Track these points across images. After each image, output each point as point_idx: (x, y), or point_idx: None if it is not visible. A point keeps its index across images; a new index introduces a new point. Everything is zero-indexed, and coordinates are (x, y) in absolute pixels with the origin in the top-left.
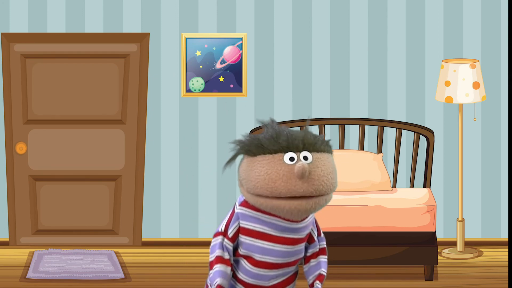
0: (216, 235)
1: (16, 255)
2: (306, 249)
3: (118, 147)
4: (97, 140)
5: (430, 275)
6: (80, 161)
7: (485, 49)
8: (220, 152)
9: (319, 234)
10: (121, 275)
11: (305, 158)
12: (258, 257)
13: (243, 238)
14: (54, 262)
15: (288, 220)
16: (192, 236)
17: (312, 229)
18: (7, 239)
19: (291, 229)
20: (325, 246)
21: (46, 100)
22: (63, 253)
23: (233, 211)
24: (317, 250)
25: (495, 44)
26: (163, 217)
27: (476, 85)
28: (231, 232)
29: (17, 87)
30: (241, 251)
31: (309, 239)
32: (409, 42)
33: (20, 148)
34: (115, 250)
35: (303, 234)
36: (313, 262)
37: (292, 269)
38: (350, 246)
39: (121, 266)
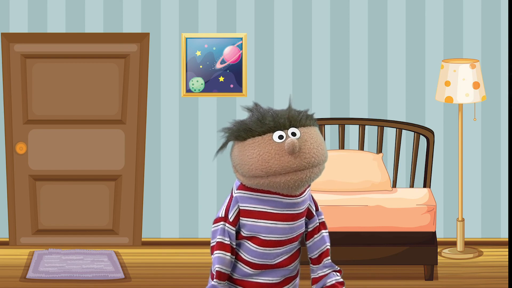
0: (216, 220)
1: (16, 255)
2: (306, 224)
3: (118, 147)
4: (97, 140)
5: (430, 275)
6: (80, 161)
7: (485, 49)
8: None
9: (316, 209)
10: (121, 275)
11: (293, 134)
12: (263, 236)
13: (245, 220)
14: (54, 262)
15: (286, 196)
16: (192, 236)
17: (309, 204)
18: (7, 239)
19: (291, 204)
20: (323, 220)
21: (46, 100)
22: (63, 253)
23: (231, 196)
24: (318, 224)
25: (495, 44)
26: (163, 217)
27: (476, 85)
28: (231, 216)
29: (17, 87)
30: (244, 233)
31: (308, 215)
32: (409, 42)
33: (20, 148)
34: (115, 250)
35: (302, 209)
36: (316, 237)
37: (295, 245)
38: (350, 246)
39: (121, 266)
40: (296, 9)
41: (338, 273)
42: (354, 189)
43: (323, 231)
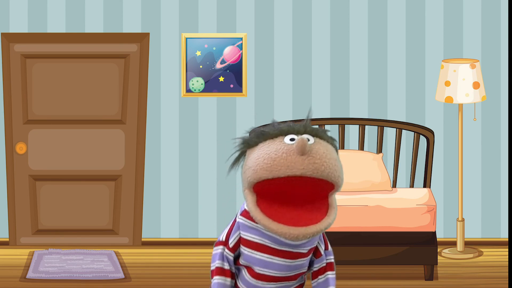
0: (217, 244)
1: (16, 255)
2: (312, 263)
3: (118, 147)
4: (97, 140)
5: (430, 275)
6: (80, 161)
7: (485, 49)
8: (220, 152)
9: (326, 248)
10: (121, 275)
11: (308, 139)
12: (257, 269)
13: (243, 249)
14: (54, 262)
15: None
16: (192, 236)
17: (318, 242)
18: (7, 239)
19: (290, 244)
20: (332, 261)
21: (46, 100)
22: (63, 253)
23: (235, 220)
24: (324, 265)
25: (495, 44)
26: (163, 217)
27: (476, 85)
28: (232, 242)
29: (17, 87)
30: (242, 261)
31: (316, 253)
32: (409, 42)
33: (20, 148)
34: (115, 250)
35: (305, 249)
36: (321, 278)
37: (293, 283)
38: (350, 246)
39: (121, 266)
40: (296, 9)
41: None
42: (354, 189)
43: (328, 272)
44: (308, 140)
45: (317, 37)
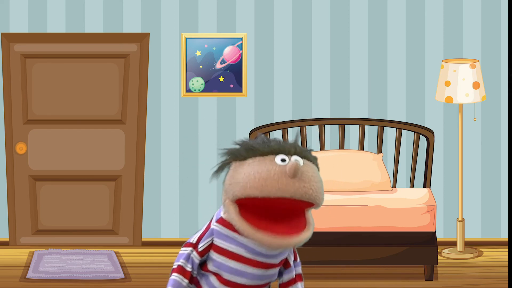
0: (186, 245)
1: (16, 255)
2: (281, 273)
3: (118, 147)
4: (97, 140)
5: (430, 275)
6: (80, 161)
7: (485, 49)
8: (220, 152)
9: (295, 259)
10: (121, 275)
11: (296, 161)
12: (227, 276)
13: (215, 256)
14: (54, 262)
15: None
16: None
17: (288, 253)
18: (7, 239)
19: (265, 254)
20: (300, 272)
21: (46, 100)
22: (63, 253)
23: (209, 225)
24: (294, 276)
25: (495, 44)
26: (163, 217)
27: (476, 85)
28: (201, 246)
29: (17, 87)
30: (211, 267)
31: (285, 264)
32: (409, 42)
33: (20, 148)
34: (115, 250)
35: (277, 260)
36: None
37: None
38: (350, 246)
39: (121, 266)
40: (296, 9)
41: None
42: (354, 189)
43: (298, 283)
44: (298, 161)
45: (317, 37)
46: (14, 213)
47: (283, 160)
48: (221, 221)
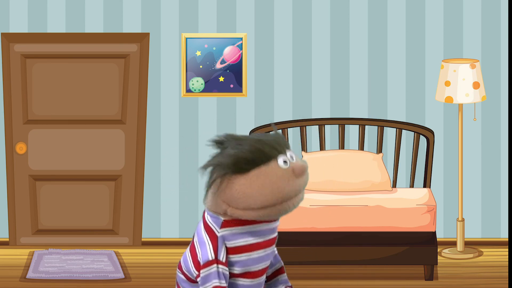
0: (206, 265)
1: (16, 255)
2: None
3: (118, 147)
4: (97, 140)
5: (430, 275)
6: (80, 161)
7: (485, 49)
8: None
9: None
10: (121, 275)
11: (291, 157)
12: (254, 268)
13: (237, 257)
14: (54, 262)
15: (270, 221)
16: (192, 236)
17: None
18: (7, 239)
19: (272, 229)
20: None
21: (46, 100)
22: (63, 253)
23: (213, 236)
24: (282, 264)
25: (495, 44)
26: (163, 217)
27: (476, 85)
28: (223, 256)
29: (17, 87)
30: (236, 270)
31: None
32: (409, 42)
33: (20, 148)
34: (115, 250)
35: (276, 232)
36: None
37: (264, 278)
38: (350, 246)
39: (121, 266)
40: (296, 9)
41: None
42: (354, 189)
43: (274, 249)
44: (292, 157)
45: (317, 37)
46: (14, 213)
47: (285, 162)
48: (226, 224)
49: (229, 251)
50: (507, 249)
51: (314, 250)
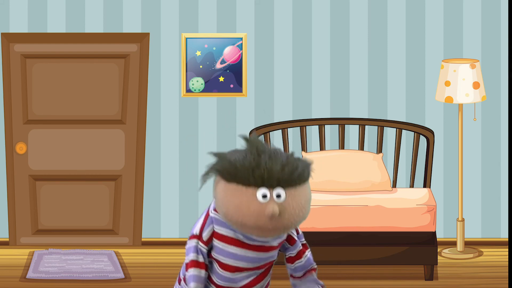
0: (191, 237)
1: (16, 255)
2: (287, 249)
3: (118, 147)
4: (97, 140)
5: (430, 275)
6: (80, 161)
7: (485, 49)
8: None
9: (297, 233)
10: (121, 275)
11: (278, 196)
12: (228, 261)
13: (216, 243)
14: (54, 262)
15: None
16: None
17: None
18: (7, 239)
19: (263, 240)
20: (305, 241)
21: (46, 100)
22: (63, 253)
23: (207, 214)
24: (301, 247)
25: (495, 44)
26: (163, 217)
27: (476, 85)
28: (205, 235)
29: (17, 87)
30: (214, 254)
31: (290, 241)
32: (409, 42)
33: (20, 148)
34: (115, 250)
35: (276, 243)
36: (302, 260)
37: (262, 270)
38: (350, 246)
39: (121, 266)
40: (296, 9)
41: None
42: (354, 189)
43: (306, 252)
44: (279, 196)
45: (317, 37)
46: (14, 213)
47: (264, 196)
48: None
49: (214, 234)
50: (507, 249)
51: (314, 250)
